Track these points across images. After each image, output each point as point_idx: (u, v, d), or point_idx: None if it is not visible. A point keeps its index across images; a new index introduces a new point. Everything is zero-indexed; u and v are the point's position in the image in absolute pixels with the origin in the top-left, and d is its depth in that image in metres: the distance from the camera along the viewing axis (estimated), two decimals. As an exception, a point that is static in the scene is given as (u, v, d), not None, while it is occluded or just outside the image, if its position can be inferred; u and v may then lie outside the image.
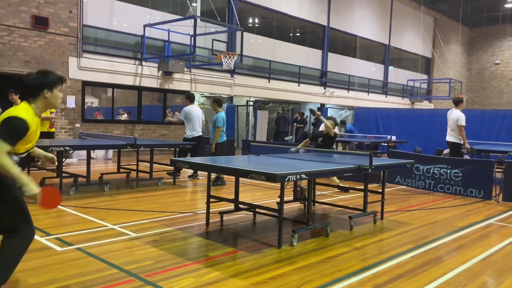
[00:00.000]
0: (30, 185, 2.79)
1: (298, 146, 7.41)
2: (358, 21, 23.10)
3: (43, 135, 10.08)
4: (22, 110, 2.91)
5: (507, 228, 5.79)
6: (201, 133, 9.38)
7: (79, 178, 7.55)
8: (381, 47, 25.35)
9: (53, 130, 10.57)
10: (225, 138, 8.69)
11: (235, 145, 13.86)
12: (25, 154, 3.02)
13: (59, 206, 6.05)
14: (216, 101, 8.67)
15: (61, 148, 6.74)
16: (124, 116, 14.91)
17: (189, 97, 9.48)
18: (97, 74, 13.11)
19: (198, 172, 9.14)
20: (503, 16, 30.74)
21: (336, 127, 7.90)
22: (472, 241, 5.03)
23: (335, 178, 7.96)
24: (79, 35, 12.52)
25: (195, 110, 9.38)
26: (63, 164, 7.45)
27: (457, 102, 9.21)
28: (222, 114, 8.56)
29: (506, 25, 30.52)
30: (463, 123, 8.84)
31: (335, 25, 21.62)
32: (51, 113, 10.45)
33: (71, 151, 6.97)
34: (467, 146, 9.11)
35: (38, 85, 2.98)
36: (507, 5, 29.96)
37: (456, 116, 8.93)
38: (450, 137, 9.14)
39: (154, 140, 10.04)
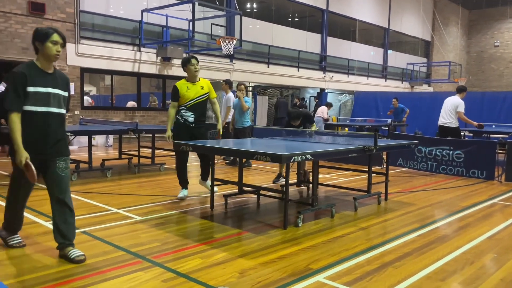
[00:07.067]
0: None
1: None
2: (357, 4, 22.86)
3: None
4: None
5: (511, 207, 5.79)
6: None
7: (80, 164, 7.52)
8: (380, 31, 25.15)
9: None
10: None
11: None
12: None
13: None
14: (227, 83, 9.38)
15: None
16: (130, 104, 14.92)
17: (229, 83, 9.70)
18: (95, 61, 12.99)
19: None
20: (503, -3, 30.47)
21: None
22: (477, 220, 5.04)
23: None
24: (76, 21, 12.37)
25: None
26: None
27: (460, 90, 8.98)
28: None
29: (506, 7, 30.25)
30: (462, 110, 8.72)
31: (334, 9, 21.40)
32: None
33: (71, 137, 6.92)
34: (476, 124, 9.11)
35: None
36: (507, -13, 29.68)
37: (456, 102, 8.77)
38: (445, 122, 8.93)
39: (155, 126, 9.99)
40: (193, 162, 9.49)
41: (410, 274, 3.33)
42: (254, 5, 19.27)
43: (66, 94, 3.53)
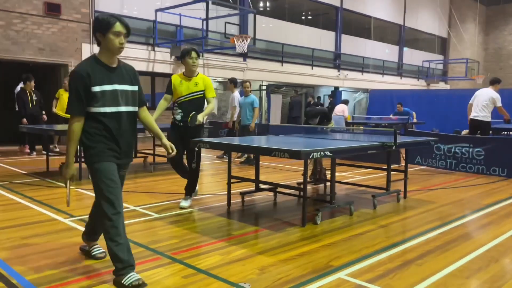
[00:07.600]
0: None
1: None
2: (372, 1, 22.62)
3: (64, 120, 10.17)
4: None
5: (535, 205, 5.65)
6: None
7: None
8: (395, 28, 24.86)
9: (68, 116, 10.61)
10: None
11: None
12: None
13: (79, 190, 6.09)
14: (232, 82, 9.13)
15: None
16: None
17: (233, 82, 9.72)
18: (111, 60, 13.04)
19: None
20: (521, -7, 29.88)
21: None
22: (501, 218, 4.92)
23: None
24: (91, 22, 12.46)
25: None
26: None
27: (493, 82, 8.65)
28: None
29: (524, 2, 29.69)
30: (501, 104, 8.44)
31: (348, 6, 21.22)
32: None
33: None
34: (508, 117, 8.88)
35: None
36: (526, -18, 29.09)
37: (492, 95, 8.44)
38: (477, 115, 8.57)
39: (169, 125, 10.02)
40: (205, 160, 9.50)
41: (433, 271, 3.25)
42: (268, 4, 19.21)
43: (135, 88, 3.08)
